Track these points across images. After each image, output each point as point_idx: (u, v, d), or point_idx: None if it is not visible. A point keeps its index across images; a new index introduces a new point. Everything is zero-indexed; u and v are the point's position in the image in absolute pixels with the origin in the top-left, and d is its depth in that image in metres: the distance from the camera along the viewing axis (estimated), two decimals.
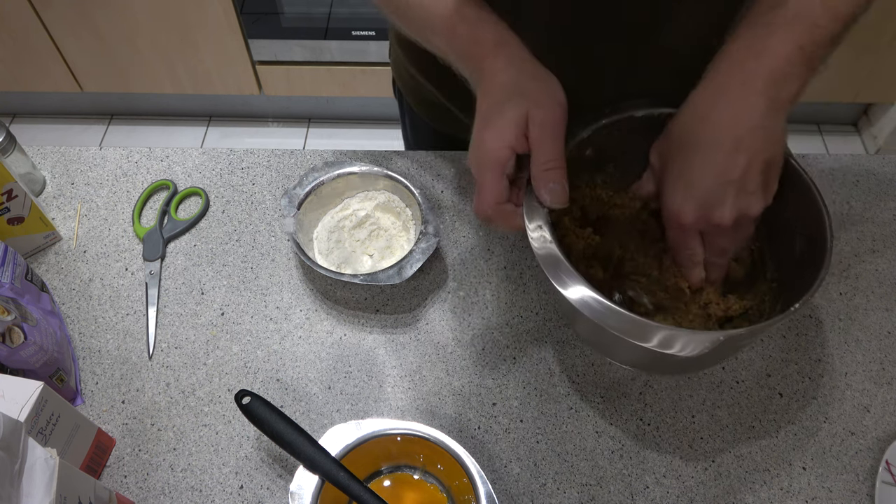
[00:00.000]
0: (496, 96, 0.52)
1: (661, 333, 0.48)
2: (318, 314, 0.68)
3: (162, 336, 0.67)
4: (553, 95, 0.52)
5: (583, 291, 0.49)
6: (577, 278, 0.50)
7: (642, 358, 0.58)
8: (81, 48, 1.74)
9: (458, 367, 0.65)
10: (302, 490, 0.52)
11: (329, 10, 1.66)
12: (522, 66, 0.53)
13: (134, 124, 2.05)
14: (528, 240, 0.52)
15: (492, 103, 0.52)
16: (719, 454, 0.60)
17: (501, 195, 0.52)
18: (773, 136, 0.51)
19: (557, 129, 0.51)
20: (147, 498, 0.58)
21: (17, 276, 0.62)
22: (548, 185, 0.51)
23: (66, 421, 0.54)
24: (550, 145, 0.51)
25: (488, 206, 0.52)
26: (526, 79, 0.52)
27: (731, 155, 0.51)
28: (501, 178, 0.51)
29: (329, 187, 0.71)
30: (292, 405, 0.63)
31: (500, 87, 0.52)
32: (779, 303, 0.56)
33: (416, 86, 0.80)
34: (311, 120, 2.05)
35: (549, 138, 0.51)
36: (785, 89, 0.50)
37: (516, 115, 0.51)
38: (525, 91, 0.51)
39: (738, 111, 0.50)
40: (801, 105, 1.33)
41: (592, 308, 0.49)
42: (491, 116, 0.52)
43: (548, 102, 0.51)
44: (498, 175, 0.51)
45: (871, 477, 0.58)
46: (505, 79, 0.52)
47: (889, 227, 0.73)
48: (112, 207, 0.76)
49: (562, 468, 0.59)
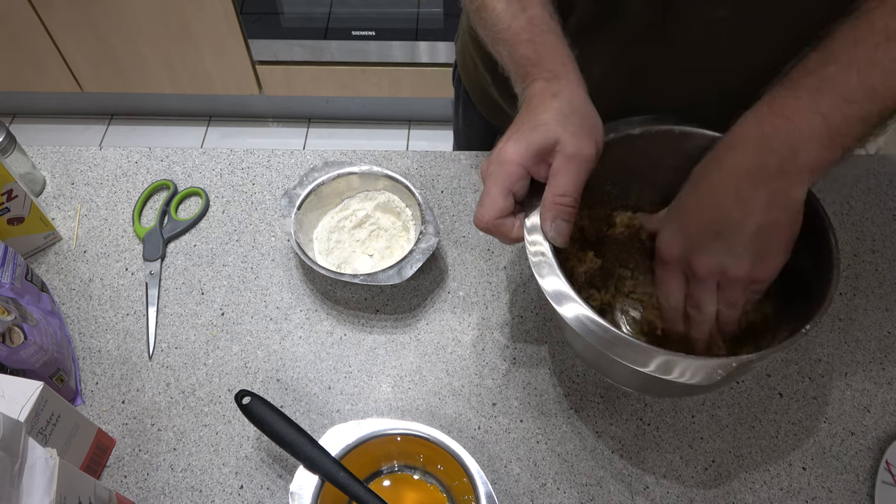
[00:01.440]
0: (536, 116, 0.51)
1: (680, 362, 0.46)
2: (318, 314, 0.68)
3: (162, 336, 0.67)
4: (592, 134, 0.51)
5: (582, 315, 0.48)
6: (577, 302, 0.49)
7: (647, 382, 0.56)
8: (81, 48, 1.74)
9: (458, 367, 0.65)
10: (302, 490, 0.52)
11: (329, 10, 1.66)
12: (572, 98, 0.52)
13: (134, 124, 2.05)
14: (528, 259, 0.51)
15: (528, 120, 0.51)
16: (719, 454, 0.60)
17: (503, 211, 0.50)
18: (779, 200, 0.48)
19: (582, 167, 0.50)
20: (147, 498, 0.58)
21: (17, 276, 0.62)
22: (555, 219, 0.50)
23: (66, 421, 0.54)
24: (571, 179, 0.49)
25: (489, 219, 0.50)
26: (570, 111, 0.51)
27: (727, 206, 0.49)
28: (508, 195, 0.50)
29: (329, 187, 0.71)
30: (292, 405, 0.63)
31: (544, 109, 0.51)
32: (784, 319, 0.55)
33: (477, 75, 0.80)
34: (311, 120, 2.05)
35: (572, 172, 0.49)
36: (802, 157, 0.46)
37: (546, 139, 0.49)
38: (565, 122, 0.50)
39: (749, 165, 0.48)
40: None
41: (597, 335, 0.48)
42: (521, 130, 0.50)
43: (584, 138, 0.50)
44: (505, 190, 0.50)
45: (871, 477, 0.58)
46: (552, 104, 0.51)
47: (889, 227, 0.73)
48: (112, 207, 0.76)
49: (562, 468, 0.59)
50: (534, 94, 0.52)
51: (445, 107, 1.91)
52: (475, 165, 0.78)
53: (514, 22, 0.54)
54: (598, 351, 0.48)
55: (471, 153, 0.79)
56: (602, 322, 0.48)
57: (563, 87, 0.52)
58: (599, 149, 0.51)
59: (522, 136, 0.50)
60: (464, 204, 0.75)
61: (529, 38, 0.53)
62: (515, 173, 0.50)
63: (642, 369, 0.47)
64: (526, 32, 0.53)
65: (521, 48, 0.53)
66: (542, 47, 0.53)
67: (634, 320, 0.64)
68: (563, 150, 0.49)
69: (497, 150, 0.51)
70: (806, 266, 0.53)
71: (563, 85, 0.52)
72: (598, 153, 0.51)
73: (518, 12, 0.54)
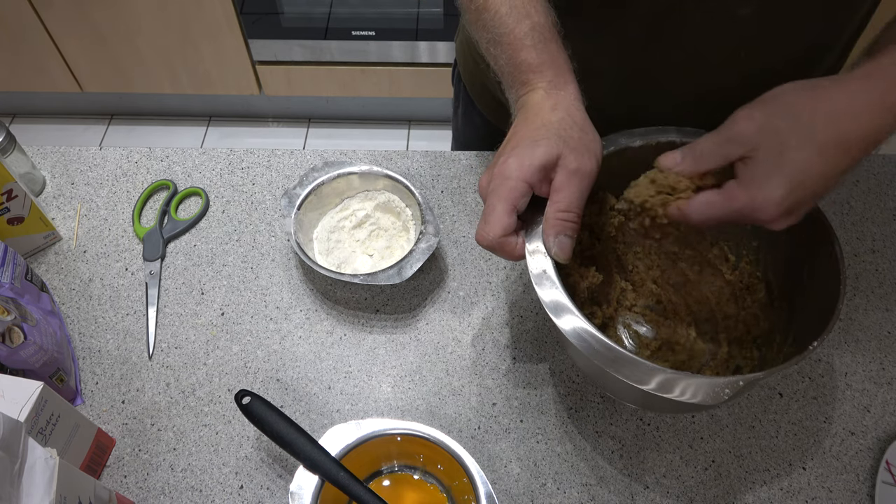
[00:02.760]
0: (535, 129, 0.50)
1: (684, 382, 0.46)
2: (318, 314, 0.68)
3: (162, 336, 0.67)
4: (592, 149, 0.50)
5: (584, 330, 0.48)
6: (580, 318, 0.48)
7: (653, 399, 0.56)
8: (81, 48, 1.74)
9: (458, 367, 0.65)
10: (302, 490, 0.52)
11: (329, 10, 1.66)
12: (571, 112, 0.51)
13: (134, 124, 2.05)
14: (530, 275, 0.51)
15: (528, 133, 0.50)
16: (719, 454, 0.60)
17: (508, 228, 0.50)
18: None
19: (584, 182, 0.49)
20: (147, 498, 0.58)
21: (17, 276, 0.62)
22: (558, 235, 0.50)
23: (66, 421, 0.54)
24: (573, 194, 0.49)
25: (493, 237, 0.50)
26: (570, 125, 0.50)
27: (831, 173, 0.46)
28: (512, 212, 0.50)
29: (329, 187, 0.71)
30: (292, 405, 0.63)
31: (543, 123, 0.50)
32: (790, 331, 0.55)
33: (478, 71, 0.79)
34: (311, 120, 2.05)
35: (575, 187, 0.49)
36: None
37: (548, 154, 0.49)
38: (566, 137, 0.50)
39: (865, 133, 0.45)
40: None
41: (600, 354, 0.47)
42: (522, 145, 0.50)
43: (584, 153, 0.49)
44: (510, 207, 0.49)
45: (871, 477, 0.58)
46: (551, 118, 0.50)
47: (889, 227, 0.73)
48: (112, 207, 0.76)
49: (562, 468, 0.59)
50: (532, 104, 0.52)
51: (445, 107, 1.91)
52: (475, 165, 0.78)
53: (518, 27, 0.53)
54: (601, 369, 0.48)
55: (470, 153, 0.79)
56: (606, 340, 0.47)
57: (562, 98, 0.52)
58: (599, 163, 0.51)
59: (525, 152, 0.49)
60: (464, 204, 0.75)
61: (532, 45, 0.53)
62: (520, 189, 0.49)
63: (646, 388, 0.46)
64: (529, 38, 0.53)
65: (524, 53, 0.53)
66: (544, 55, 0.53)
67: (637, 334, 0.64)
68: (566, 165, 0.49)
69: (499, 166, 0.50)
70: (811, 276, 0.54)
71: (562, 97, 0.52)
72: (598, 168, 0.51)
73: (522, 17, 0.54)
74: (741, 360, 0.59)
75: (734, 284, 0.62)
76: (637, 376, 0.46)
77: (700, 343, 0.62)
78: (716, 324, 0.62)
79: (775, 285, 0.59)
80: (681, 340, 0.62)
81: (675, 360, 0.61)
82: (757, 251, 0.60)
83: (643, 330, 0.64)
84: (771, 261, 0.59)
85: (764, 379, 0.47)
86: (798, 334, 0.52)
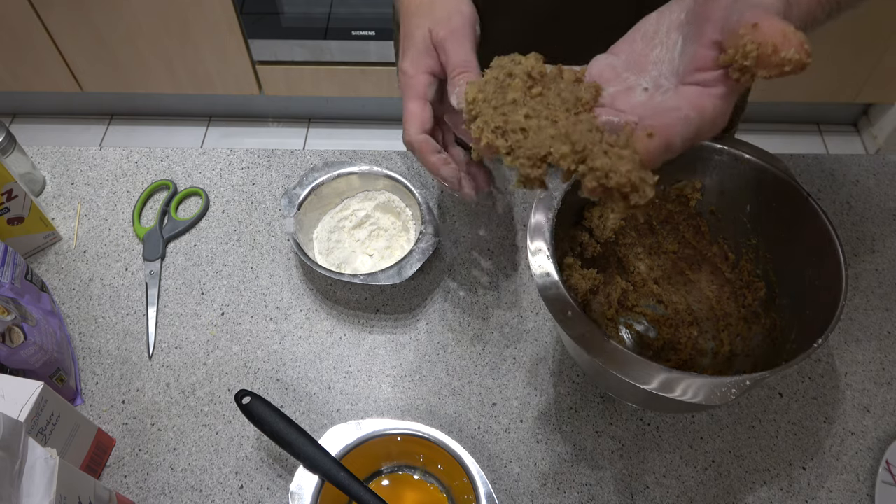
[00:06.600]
0: (406, 24, 0.54)
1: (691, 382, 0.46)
2: (318, 314, 0.68)
3: (162, 336, 0.67)
4: (454, 6, 0.53)
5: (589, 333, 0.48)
6: (583, 319, 0.49)
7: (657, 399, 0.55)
8: (81, 48, 1.74)
9: (458, 367, 0.65)
10: (302, 490, 0.52)
11: (329, 10, 1.66)
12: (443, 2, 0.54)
13: (134, 124, 2.05)
14: (533, 277, 0.52)
15: (404, 32, 0.54)
16: (719, 454, 0.60)
17: (425, 122, 0.53)
18: None
19: (459, 37, 0.52)
20: (147, 498, 0.58)
21: (17, 276, 0.62)
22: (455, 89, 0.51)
23: (66, 421, 0.54)
24: (455, 52, 0.52)
25: (413, 133, 0.53)
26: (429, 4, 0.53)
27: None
28: (424, 105, 0.53)
29: (329, 187, 0.71)
30: (292, 405, 0.63)
31: (408, 11, 0.54)
32: (792, 329, 0.55)
33: None
34: (311, 120, 2.05)
35: (454, 47, 0.52)
36: None
37: (422, 37, 0.52)
38: (429, 10, 0.53)
39: None
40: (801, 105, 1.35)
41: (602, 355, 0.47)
42: (405, 46, 0.53)
43: (447, 15, 0.52)
44: (420, 102, 0.52)
45: (871, 477, 0.58)
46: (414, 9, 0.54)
47: (889, 227, 0.73)
48: (112, 207, 0.76)
49: (562, 468, 0.59)
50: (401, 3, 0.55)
51: None
52: None
53: None
54: (605, 370, 0.48)
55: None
56: (610, 341, 0.48)
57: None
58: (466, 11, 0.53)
59: (407, 49, 0.53)
60: (464, 204, 0.75)
61: None
62: (421, 82, 0.53)
63: (652, 389, 0.46)
64: None
65: None
66: None
67: (639, 334, 0.64)
68: (437, 36, 0.52)
69: (400, 74, 0.54)
70: (812, 274, 0.54)
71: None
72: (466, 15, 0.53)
73: None
74: (743, 359, 0.59)
75: (734, 283, 0.62)
76: (643, 377, 0.46)
77: (702, 342, 0.62)
78: (717, 322, 0.63)
79: (776, 283, 0.59)
80: (683, 340, 0.63)
81: (677, 360, 0.61)
82: (756, 249, 0.60)
83: (645, 330, 0.64)
84: (771, 259, 0.59)
85: (770, 378, 0.47)
86: (800, 332, 0.52)
